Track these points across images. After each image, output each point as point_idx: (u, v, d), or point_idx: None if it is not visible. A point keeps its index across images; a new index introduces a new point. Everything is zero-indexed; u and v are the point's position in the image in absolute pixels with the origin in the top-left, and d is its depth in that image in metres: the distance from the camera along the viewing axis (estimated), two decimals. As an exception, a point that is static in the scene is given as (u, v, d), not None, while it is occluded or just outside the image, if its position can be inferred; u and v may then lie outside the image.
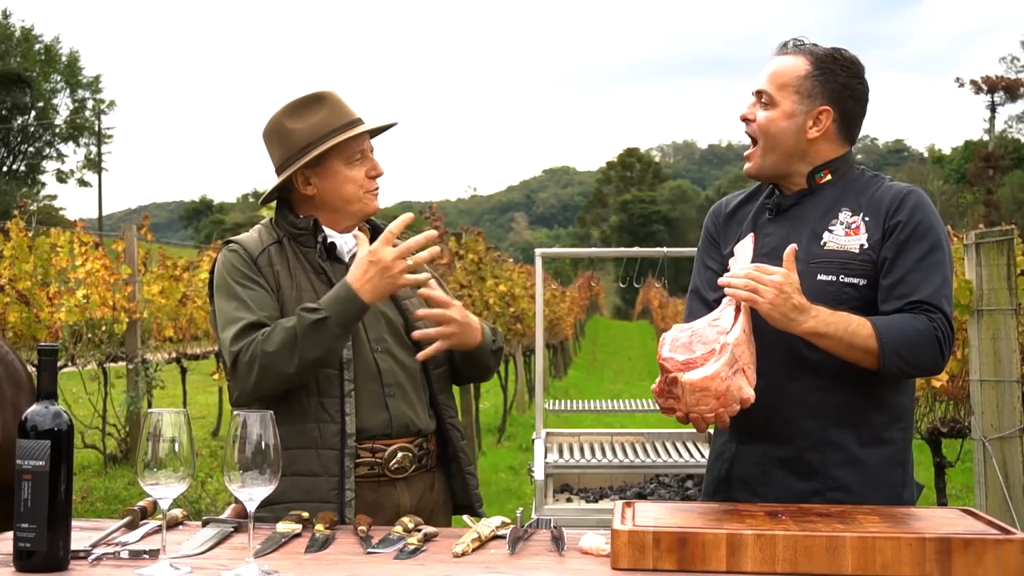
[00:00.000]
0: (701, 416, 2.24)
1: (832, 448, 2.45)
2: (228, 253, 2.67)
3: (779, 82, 2.53)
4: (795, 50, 2.57)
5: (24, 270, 7.59)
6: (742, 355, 2.27)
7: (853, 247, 2.46)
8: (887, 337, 2.33)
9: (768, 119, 2.53)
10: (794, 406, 2.46)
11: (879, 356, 2.33)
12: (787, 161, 2.55)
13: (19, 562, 1.93)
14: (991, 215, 37.52)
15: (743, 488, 2.53)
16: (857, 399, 2.46)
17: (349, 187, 2.67)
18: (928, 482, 7.03)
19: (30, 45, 52.74)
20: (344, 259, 2.71)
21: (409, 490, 2.63)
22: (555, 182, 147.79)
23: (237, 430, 1.94)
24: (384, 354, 2.65)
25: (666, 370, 2.24)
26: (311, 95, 2.70)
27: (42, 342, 6.71)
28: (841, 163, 2.57)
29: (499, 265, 12.54)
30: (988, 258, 4.71)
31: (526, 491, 8.72)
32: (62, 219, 37.49)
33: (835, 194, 2.54)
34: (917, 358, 2.36)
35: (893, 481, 2.49)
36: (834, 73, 2.52)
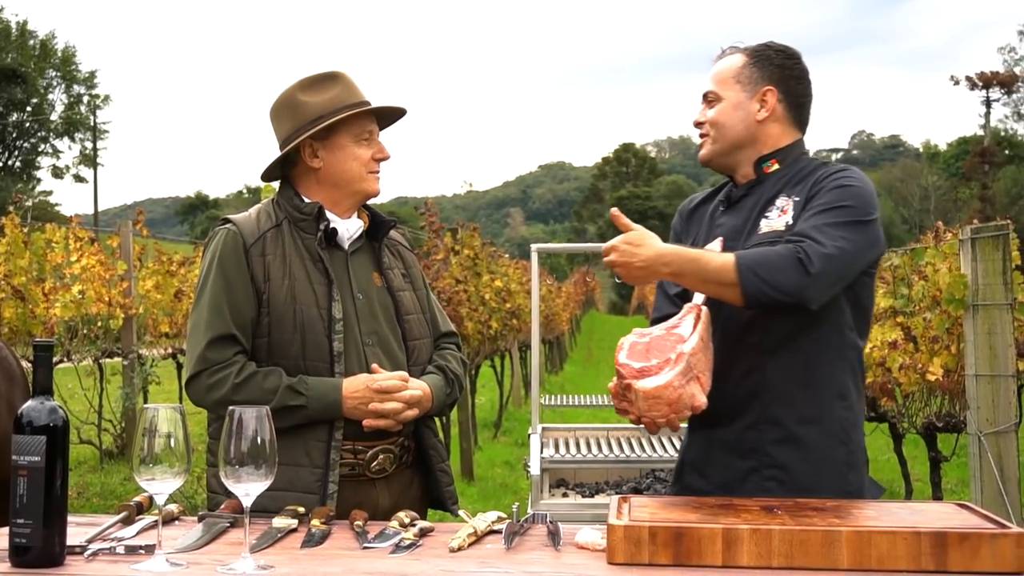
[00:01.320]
0: (653, 420, 2.34)
1: (770, 425, 2.50)
2: (223, 235, 2.65)
3: (720, 79, 2.66)
4: (731, 51, 2.70)
5: (19, 266, 7.58)
6: (697, 363, 2.33)
7: (780, 226, 2.51)
8: (743, 259, 2.36)
9: (717, 111, 2.64)
10: (735, 388, 2.51)
11: (737, 279, 2.34)
12: (739, 148, 2.63)
13: (15, 558, 1.92)
14: (986, 210, 37.56)
15: (692, 472, 2.62)
16: (795, 377, 2.49)
17: (354, 164, 2.68)
18: (924, 476, 7.06)
19: (25, 40, 52.62)
20: (344, 246, 2.71)
21: (388, 489, 2.65)
22: (551, 178, 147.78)
23: (232, 426, 1.94)
24: (375, 347, 2.65)
25: (621, 375, 2.32)
26: (326, 73, 2.72)
27: (38, 338, 6.70)
28: (790, 151, 2.63)
29: (495, 261, 12.55)
30: (983, 253, 4.72)
31: (522, 486, 8.73)
32: (58, 215, 37.46)
33: (780, 184, 2.60)
34: (776, 277, 2.32)
35: (835, 459, 2.50)
36: (769, 58, 2.64)
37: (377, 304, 2.70)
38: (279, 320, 2.58)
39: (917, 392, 5.42)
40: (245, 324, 2.58)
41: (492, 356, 12.50)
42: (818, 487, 2.41)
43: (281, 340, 2.58)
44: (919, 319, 5.42)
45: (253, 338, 2.60)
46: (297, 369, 2.57)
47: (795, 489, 2.41)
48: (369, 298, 2.69)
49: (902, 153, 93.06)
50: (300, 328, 2.57)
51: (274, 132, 2.75)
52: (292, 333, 2.58)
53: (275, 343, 2.58)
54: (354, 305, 2.65)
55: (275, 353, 2.58)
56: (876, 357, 5.62)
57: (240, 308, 2.58)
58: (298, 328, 2.58)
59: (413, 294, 2.82)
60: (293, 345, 2.57)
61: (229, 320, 2.57)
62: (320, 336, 2.58)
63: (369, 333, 2.65)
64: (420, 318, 2.81)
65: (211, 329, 2.57)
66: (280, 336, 2.58)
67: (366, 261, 2.75)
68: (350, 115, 2.65)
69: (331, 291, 2.61)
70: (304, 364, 2.57)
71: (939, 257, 5.36)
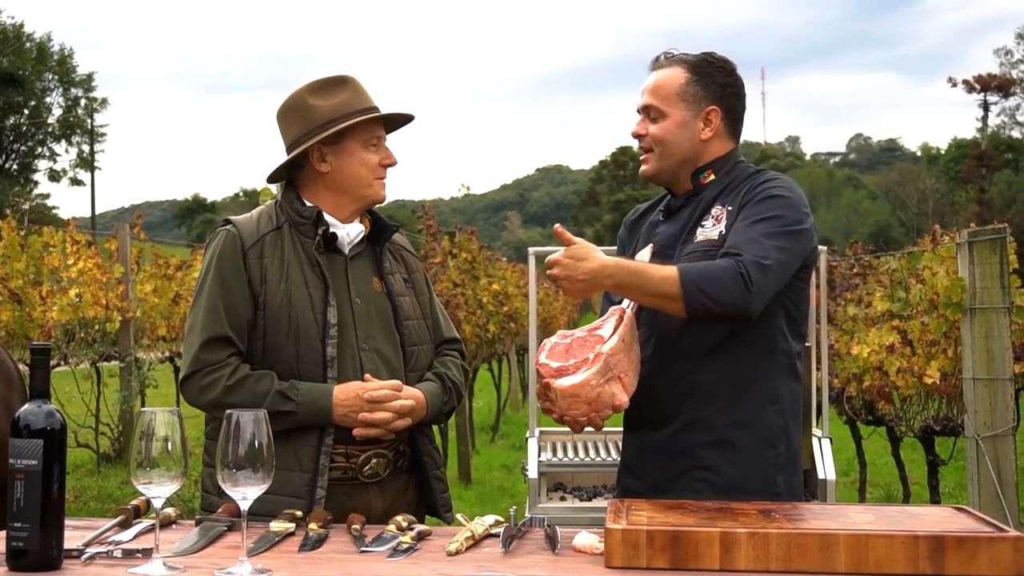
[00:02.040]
0: (574, 419, 2.41)
1: (700, 428, 2.54)
2: (223, 237, 2.66)
3: (663, 94, 2.65)
4: (669, 62, 2.70)
5: (16, 269, 7.57)
6: (618, 363, 2.39)
7: (714, 235, 2.56)
8: (686, 274, 2.39)
9: (662, 129, 2.65)
10: (667, 392, 2.56)
11: (680, 292, 2.37)
12: (681, 164, 2.67)
13: (12, 561, 1.92)
14: (983, 214, 37.62)
15: (628, 474, 2.67)
16: (727, 381, 2.53)
17: (362, 170, 2.68)
18: (921, 480, 7.06)
19: (22, 43, 52.59)
20: (344, 250, 2.71)
21: (382, 493, 2.64)
22: (548, 181, 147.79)
23: (230, 429, 1.94)
24: (371, 352, 2.65)
25: (541, 375, 2.40)
26: (336, 77, 2.73)
27: (35, 341, 6.69)
28: (725, 161, 2.67)
29: (492, 264, 12.55)
30: (981, 256, 4.72)
31: (520, 490, 8.72)
32: (55, 218, 37.43)
33: (715, 193, 2.64)
34: (718, 292, 2.37)
35: (763, 462, 2.54)
36: (712, 75, 2.66)
37: (375, 309, 2.70)
38: (274, 323, 2.59)
39: (915, 396, 5.42)
40: (240, 326, 2.59)
41: (489, 360, 12.49)
42: (746, 488, 2.46)
43: (276, 343, 2.59)
44: (916, 323, 5.43)
45: (249, 340, 2.60)
46: (291, 372, 2.57)
47: (724, 490, 2.46)
48: (367, 303, 2.69)
49: (899, 156, 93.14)
50: (295, 332, 2.58)
51: (281, 134, 2.75)
52: (287, 336, 2.58)
53: (270, 345, 2.59)
54: (351, 310, 2.65)
55: (270, 356, 2.59)
56: (874, 361, 5.63)
57: (236, 310, 2.59)
58: (292, 332, 2.58)
59: (414, 299, 2.81)
60: (287, 348, 2.58)
61: (224, 322, 2.58)
62: (314, 340, 2.58)
63: (366, 338, 2.65)
64: (420, 324, 2.80)
65: (206, 330, 2.58)
66: (275, 339, 2.59)
67: (366, 266, 2.75)
68: (360, 121, 2.65)
69: (327, 296, 2.61)
70: (297, 367, 2.58)
71: (936, 261, 5.37)
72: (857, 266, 8.31)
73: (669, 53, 2.71)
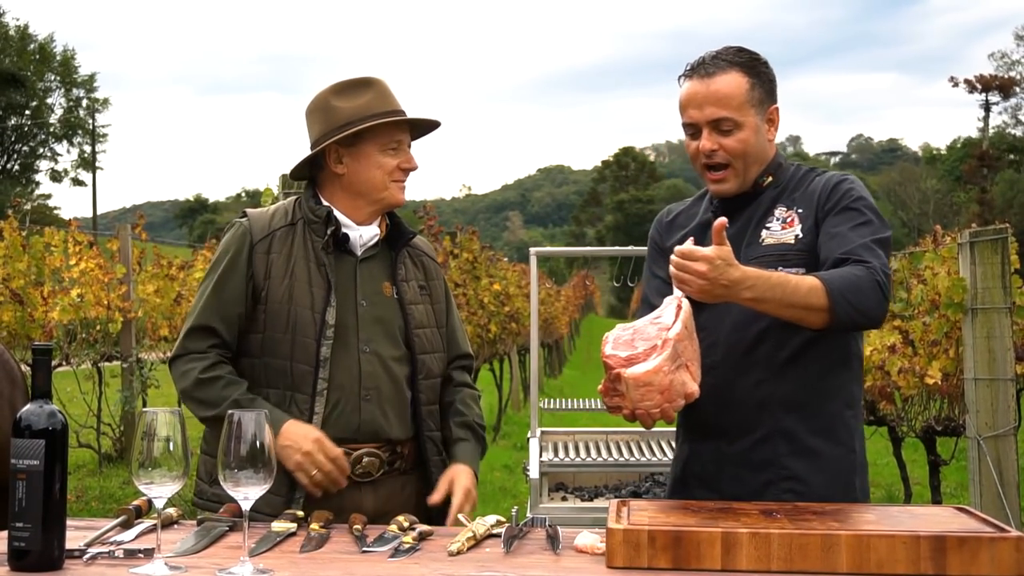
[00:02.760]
0: (647, 411, 2.26)
1: (782, 438, 2.48)
2: (235, 230, 2.71)
3: (734, 103, 2.50)
4: (719, 67, 2.52)
5: (18, 269, 7.58)
6: (684, 350, 2.30)
7: (789, 238, 2.50)
8: (833, 284, 2.31)
9: (740, 141, 2.51)
10: (743, 401, 2.49)
11: (829, 304, 2.30)
12: (758, 172, 2.58)
13: (14, 561, 1.92)
14: (985, 214, 37.59)
15: (701, 486, 2.56)
16: (806, 388, 2.48)
17: (377, 173, 2.67)
18: (923, 480, 7.06)
19: (24, 44, 52.62)
20: (356, 252, 2.70)
21: (375, 493, 2.63)
22: (550, 181, 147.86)
23: (232, 429, 1.94)
24: (371, 355, 2.64)
25: (609, 367, 2.27)
26: (361, 78, 2.73)
27: (36, 341, 6.70)
28: (778, 162, 2.61)
29: (494, 264, 12.56)
30: (982, 257, 4.72)
31: (521, 490, 8.73)
32: (56, 218, 37.46)
33: (773, 194, 2.58)
34: (864, 303, 2.32)
35: (845, 467, 2.51)
36: (764, 74, 2.57)
37: (383, 314, 2.69)
38: (274, 318, 2.60)
39: (916, 396, 5.42)
40: (230, 319, 2.62)
41: (491, 360, 12.49)
42: (831, 496, 2.41)
43: (273, 338, 2.60)
44: (918, 323, 5.42)
45: (249, 333, 2.63)
46: (285, 369, 2.59)
47: (809, 499, 2.39)
48: (374, 307, 2.68)
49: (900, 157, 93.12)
50: (292, 329, 2.59)
51: (308, 133, 2.76)
52: (284, 333, 2.60)
53: (268, 340, 2.61)
54: (356, 312, 2.65)
55: (267, 350, 2.61)
56: (875, 361, 5.62)
57: (228, 303, 2.63)
58: (290, 328, 2.59)
59: (430, 307, 2.79)
60: (283, 345, 2.60)
61: (214, 312, 2.63)
62: (309, 339, 2.59)
63: (367, 341, 2.65)
64: (434, 332, 2.78)
65: (196, 318, 2.65)
66: (273, 334, 2.61)
67: (379, 269, 2.74)
68: (379, 123, 2.65)
69: (328, 296, 2.61)
70: (292, 365, 2.59)
71: (938, 261, 5.37)
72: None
73: (713, 57, 2.54)
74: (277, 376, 2.60)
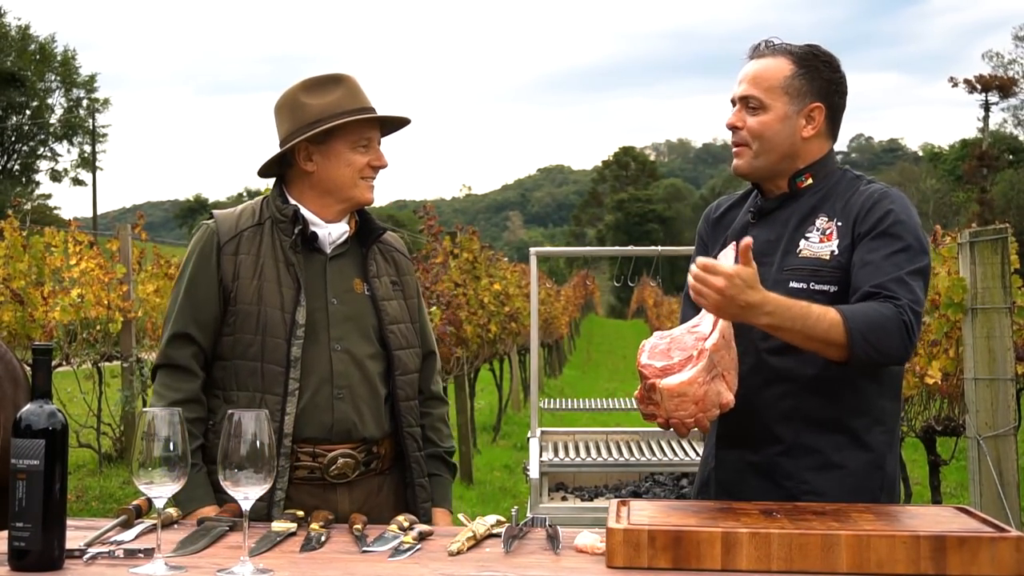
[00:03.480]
0: (681, 421, 2.27)
1: (805, 453, 2.45)
2: (201, 232, 2.69)
3: (766, 85, 2.50)
4: (773, 51, 2.54)
5: (18, 269, 7.58)
6: (721, 360, 2.28)
7: (824, 254, 2.46)
8: (854, 323, 2.28)
9: (761, 123, 2.50)
10: (768, 412, 2.46)
11: (847, 343, 2.27)
12: (779, 162, 2.54)
13: (14, 561, 1.92)
14: (985, 214, 37.59)
15: (723, 493, 2.54)
16: (833, 404, 2.44)
17: (347, 171, 2.66)
18: (923, 480, 7.06)
19: (25, 44, 52.61)
20: (325, 250, 2.69)
21: (351, 494, 2.61)
22: (550, 181, 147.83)
23: (231, 429, 1.94)
24: (343, 354, 2.63)
25: (644, 377, 2.26)
26: (331, 75, 2.71)
27: (37, 341, 6.70)
28: (823, 165, 2.55)
29: (494, 264, 12.55)
30: (982, 257, 4.71)
31: (521, 490, 8.73)
32: (57, 218, 37.43)
33: (815, 200, 2.53)
34: (885, 343, 2.28)
35: (871, 486, 2.46)
36: (818, 70, 2.52)
37: (354, 311, 2.68)
38: (244, 320, 2.59)
39: (916, 396, 5.42)
40: (205, 323, 2.62)
41: (491, 360, 12.49)
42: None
43: (244, 339, 2.59)
44: (918, 323, 5.41)
45: (221, 335, 2.62)
46: (255, 371, 2.58)
47: None
48: (345, 304, 2.67)
49: (900, 157, 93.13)
50: (262, 330, 2.58)
51: (276, 130, 2.74)
52: (254, 334, 2.58)
53: (239, 342, 2.60)
54: (326, 311, 2.63)
55: (238, 352, 2.60)
56: (875, 361, 5.61)
57: (201, 307, 2.62)
58: (260, 329, 2.58)
59: (403, 303, 2.78)
60: (254, 346, 2.58)
61: (190, 317, 2.62)
62: (279, 339, 2.57)
63: (338, 339, 2.63)
64: (409, 328, 2.77)
65: (174, 324, 2.64)
66: (243, 335, 2.59)
67: (349, 266, 2.72)
68: (348, 121, 2.63)
69: (298, 296, 2.60)
70: (262, 367, 2.57)
71: (938, 261, 5.36)
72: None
73: (771, 41, 2.56)
74: (248, 378, 2.58)
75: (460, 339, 8.97)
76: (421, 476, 2.75)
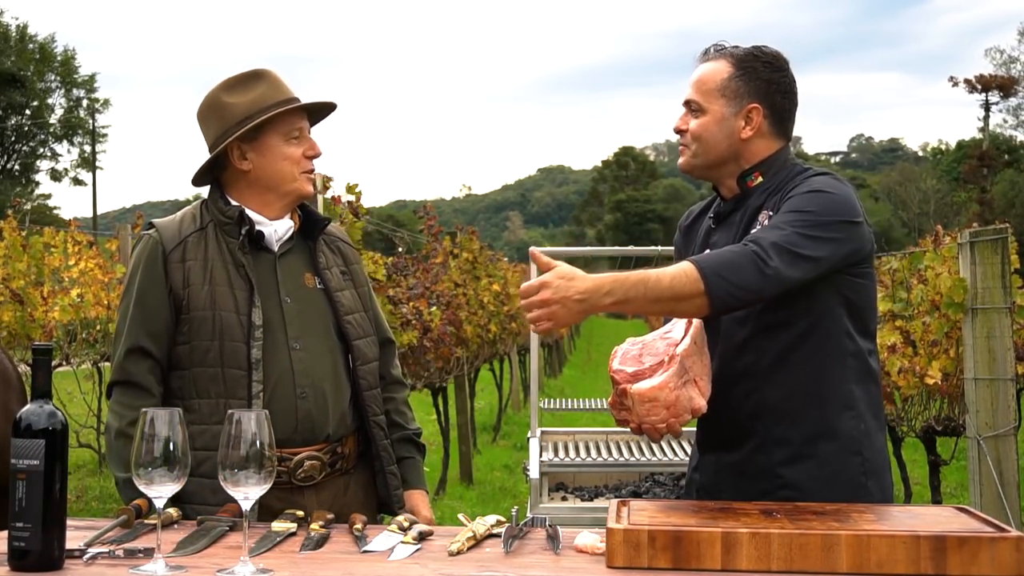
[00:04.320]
0: (653, 426, 2.29)
1: (777, 447, 2.46)
2: (144, 243, 2.66)
3: (704, 88, 2.56)
4: (716, 55, 2.59)
5: (18, 269, 7.58)
6: (692, 366, 2.31)
7: None
8: (705, 263, 2.27)
9: (700, 125, 2.55)
10: (738, 411, 2.48)
11: (704, 285, 2.24)
12: (719, 162, 2.57)
13: (14, 561, 1.92)
14: (985, 214, 37.60)
15: (704, 495, 2.56)
16: (796, 394, 2.45)
17: (285, 164, 2.63)
18: (923, 480, 7.06)
19: (25, 44, 52.60)
20: (273, 248, 2.66)
21: (318, 496, 2.60)
22: (550, 181, 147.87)
23: (231, 430, 1.94)
24: (302, 352, 2.61)
25: (616, 382, 2.29)
26: (250, 72, 2.69)
27: (36, 341, 6.70)
28: (772, 162, 2.57)
29: (494, 264, 12.58)
30: (982, 257, 4.72)
31: (521, 490, 8.73)
32: (56, 218, 37.44)
33: (763, 197, 2.54)
34: (738, 276, 2.25)
35: (850, 473, 2.45)
36: (756, 71, 2.54)
37: (309, 307, 2.66)
38: (199, 326, 2.56)
39: (916, 396, 5.42)
40: (159, 334, 2.58)
41: (491, 360, 12.50)
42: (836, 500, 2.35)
43: (200, 346, 2.56)
44: (918, 323, 5.42)
45: (176, 344, 2.59)
46: (216, 377, 2.55)
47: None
48: (299, 301, 2.65)
49: (901, 157, 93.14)
50: (219, 334, 2.55)
51: (203, 136, 2.70)
52: (211, 340, 2.55)
53: (196, 349, 2.56)
54: (280, 309, 2.62)
55: (196, 360, 2.56)
56: (875, 361, 5.62)
57: (153, 319, 2.58)
58: (216, 334, 2.55)
59: (354, 291, 2.78)
60: (211, 352, 2.55)
61: (142, 329, 2.58)
62: (238, 343, 2.55)
63: (296, 338, 2.61)
64: (363, 316, 2.77)
65: (128, 339, 2.59)
66: (200, 342, 2.56)
67: (298, 262, 2.71)
68: (277, 114, 2.61)
69: (252, 297, 2.58)
70: (223, 372, 2.55)
71: (938, 261, 5.37)
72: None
73: (719, 45, 2.60)
74: (209, 384, 2.55)
75: (460, 339, 8.97)
76: (391, 463, 2.75)
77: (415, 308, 7.27)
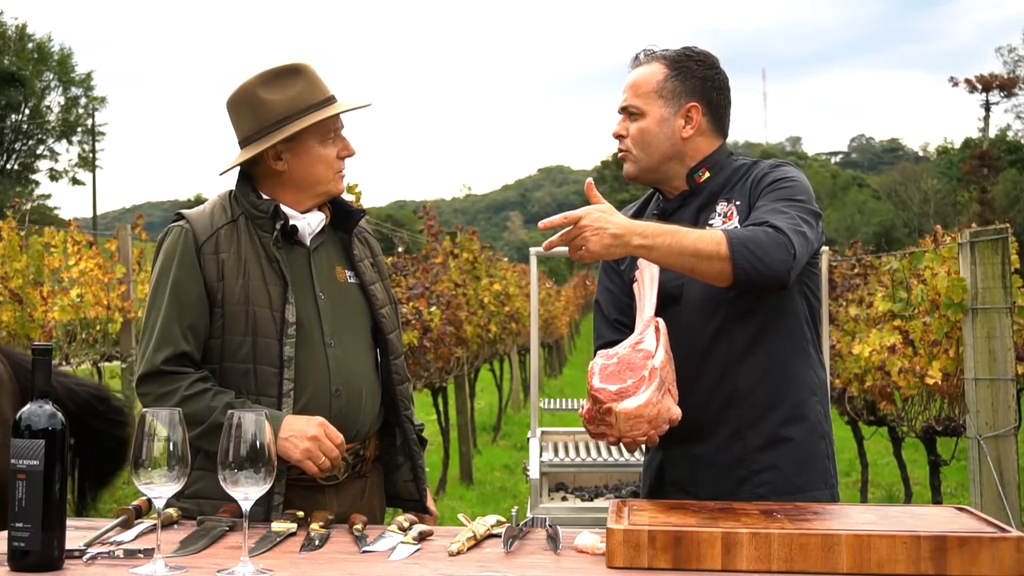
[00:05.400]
0: (634, 439, 2.30)
1: (751, 432, 2.49)
2: (176, 234, 2.57)
3: (641, 92, 2.58)
4: (648, 59, 2.62)
5: (17, 269, 7.57)
6: (667, 376, 2.34)
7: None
8: (735, 235, 2.31)
9: (640, 129, 2.58)
10: (707, 401, 2.50)
11: (728, 252, 2.27)
12: (665, 164, 2.60)
13: (14, 561, 1.92)
14: (985, 214, 37.60)
15: (677, 490, 2.56)
16: (766, 380, 2.49)
17: (321, 167, 2.60)
18: (923, 480, 7.06)
19: (23, 43, 52.60)
20: (305, 241, 2.63)
21: (338, 497, 2.57)
22: (550, 181, 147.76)
23: (231, 429, 1.94)
24: (337, 350, 2.57)
25: (599, 401, 2.28)
26: (287, 66, 2.62)
27: (36, 341, 6.70)
28: (717, 158, 2.61)
29: (494, 264, 12.57)
30: (983, 257, 4.71)
31: (521, 490, 8.74)
32: (56, 218, 37.42)
33: (713, 189, 2.58)
34: (766, 255, 2.28)
35: (818, 455, 2.52)
36: (691, 70, 2.58)
37: (343, 302, 2.63)
38: (232, 321, 2.51)
39: (916, 396, 5.42)
40: (197, 330, 2.51)
41: (491, 360, 12.50)
42: (808, 484, 2.44)
43: (233, 341, 2.51)
44: (918, 323, 5.42)
45: (209, 338, 2.53)
46: (247, 373, 2.50)
47: (789, 491, 2.42)
48: (333, 297, 2.61)
49: (901, 156, 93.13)
50: (252, 330, 2.50)
51: (232, 126, 2.64)
52: (243, 335, 2.50)
53: (228, 344, 2.51)
54: (316, 305, 2.58)
55: (227, 355, 2.52)
56: (875, 361, 5.62)
57: (191, 314, 2.50)
58: (249, 330, 2.50)
59: (382, 284, 2.76)
60: (243, 347, 2.50)
61: (177, 323, 2.49)
62: (271, 339, 2.50)
63: (332, 335, 2.58)
64: (391, 309, 2.75)
65: (160, 332, 2.50)
66: (232, 337, 2.51)
67: (331, 255, 2.67)
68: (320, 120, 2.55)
69: (286, 293, 2.53)
70: (255, 368, 2.50)
71: (938, 261, 5.37)
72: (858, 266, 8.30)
73: (648, 50, 2.63)
74: (240, 380, 2.50)
75: (460, 339, 8.98)
76: (420, 457, 2.73)
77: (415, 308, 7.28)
